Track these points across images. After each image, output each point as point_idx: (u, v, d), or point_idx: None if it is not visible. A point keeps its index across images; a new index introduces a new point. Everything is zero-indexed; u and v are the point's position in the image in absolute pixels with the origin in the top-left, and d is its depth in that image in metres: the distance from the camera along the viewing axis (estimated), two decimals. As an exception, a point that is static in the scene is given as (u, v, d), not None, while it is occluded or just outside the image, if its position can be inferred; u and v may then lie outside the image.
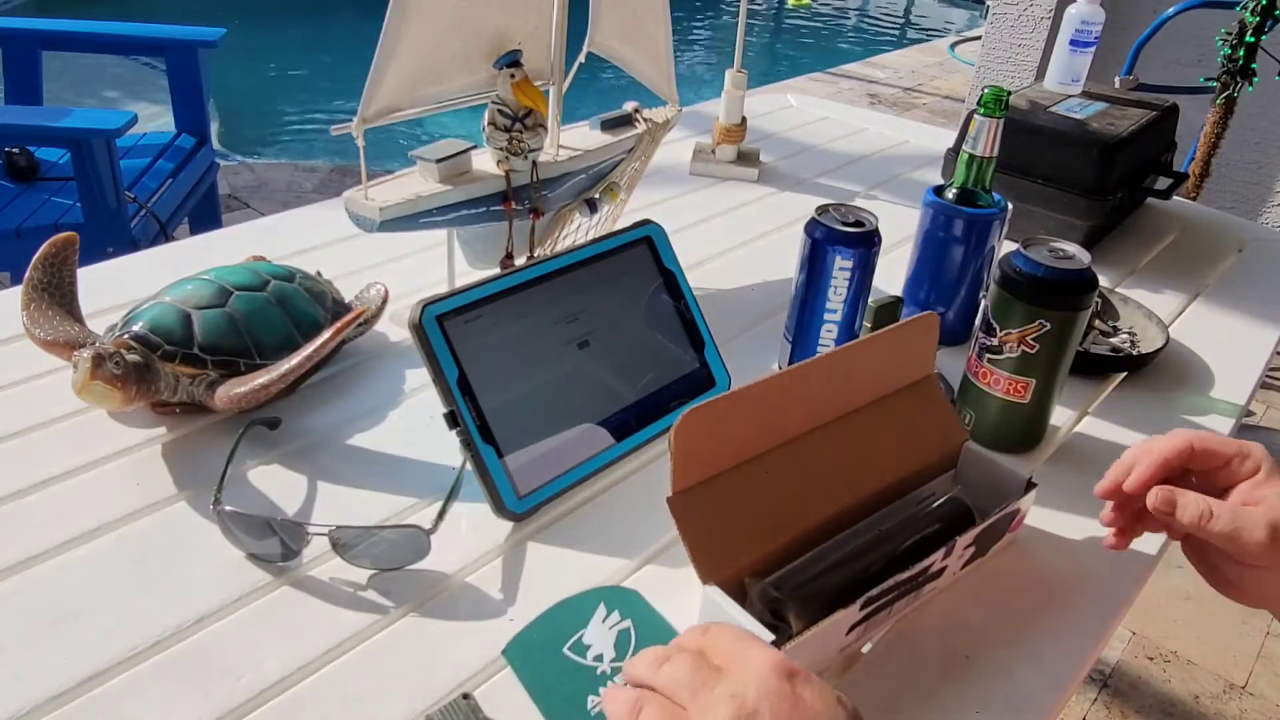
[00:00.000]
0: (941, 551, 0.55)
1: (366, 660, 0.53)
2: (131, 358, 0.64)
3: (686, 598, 0.58)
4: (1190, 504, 0.53)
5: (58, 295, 0.73)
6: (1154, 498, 0.54)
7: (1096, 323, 0.92)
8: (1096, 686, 1.58)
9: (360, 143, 0.71)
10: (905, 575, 0.53)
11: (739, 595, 0.53)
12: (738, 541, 0.54)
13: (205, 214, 2.23)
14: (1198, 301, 1.02)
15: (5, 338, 0.78)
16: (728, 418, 0.53)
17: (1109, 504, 0.59)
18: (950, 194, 0.83)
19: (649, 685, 0.42)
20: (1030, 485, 0.61)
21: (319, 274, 0.82)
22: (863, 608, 0.52)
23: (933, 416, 0.64)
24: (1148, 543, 0.65)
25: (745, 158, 1.26)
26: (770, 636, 0.48)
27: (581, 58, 0.86)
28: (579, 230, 0.91)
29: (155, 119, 2.26)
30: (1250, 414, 2.27)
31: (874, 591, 0.52)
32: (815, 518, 0.57)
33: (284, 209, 1.25)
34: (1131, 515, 0.58)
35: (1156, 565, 0.65)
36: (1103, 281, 0.73)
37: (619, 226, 0.82)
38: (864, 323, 0.80)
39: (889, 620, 0.57)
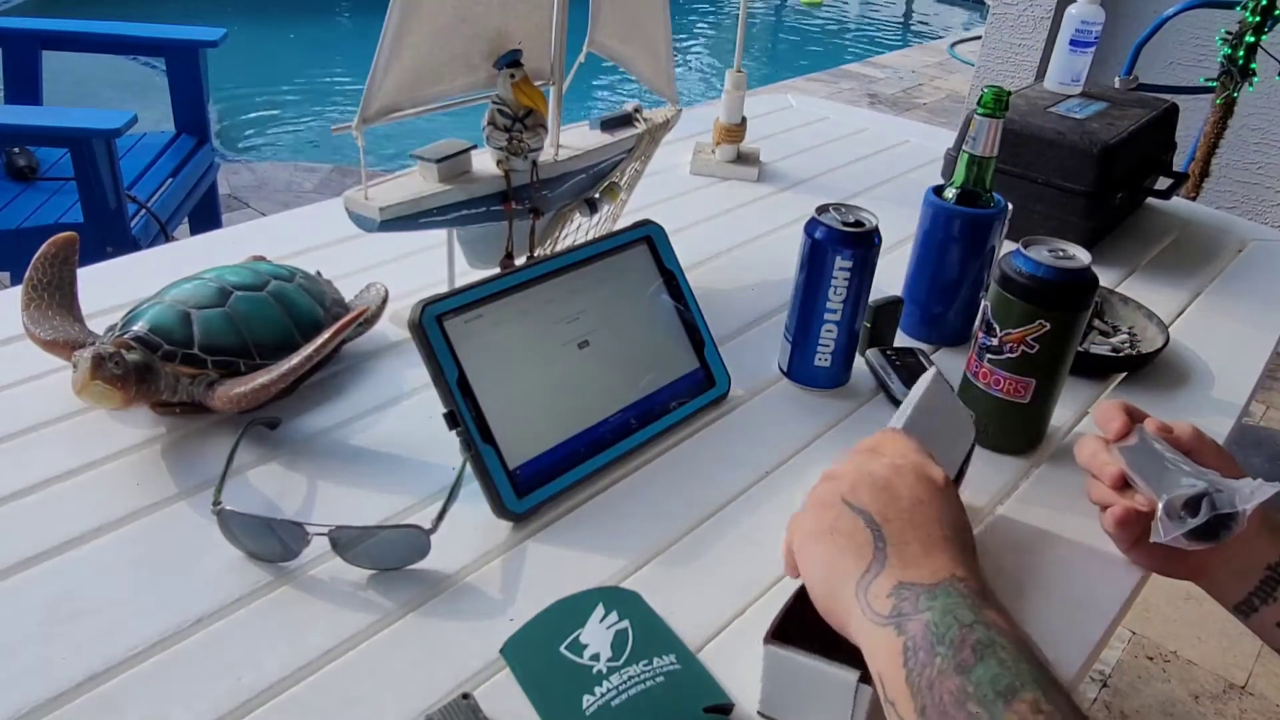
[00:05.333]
0: None
1: (366, 660, 0.53)
2: (131, 358, 0.64)
3: (685, 599, 0.58)
4: (1176, 425, 0.61)
5: (58, 295, 0.73)
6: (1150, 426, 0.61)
7: (1096, 323, 0.92)
8: (1096, 686, 1.58)
9: (360, 142, 0.71)
10: None
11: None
12: None
13: (205, 214, 2.23)
14: (1198, 301, 1.02)
15: (5, 338, 0.78)
16: None
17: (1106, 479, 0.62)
18: (950, 194, 0.83)
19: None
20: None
21: (319, 274, 0.82)
22: None
23: None
24: (1148, 543, 0.65)
25: (745, 158, 1.26)
26: (856, 672, 0.46)
27: (581, 58, 0.86)
28: (579, 230, 0.91)
29: (155, 119, 2.26)
30: (1250, 414, 2.27)
31: None
32: None
33: (284, 209, 1.25)
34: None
35: (1156, 565, 0.65)
36: (1103, 281, 0.73)
37: (619, 226, 0.82)
38: (864, 323, 0.80)
39: None
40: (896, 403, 0.78)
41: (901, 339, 0.87)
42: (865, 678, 0.46)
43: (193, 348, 0.68)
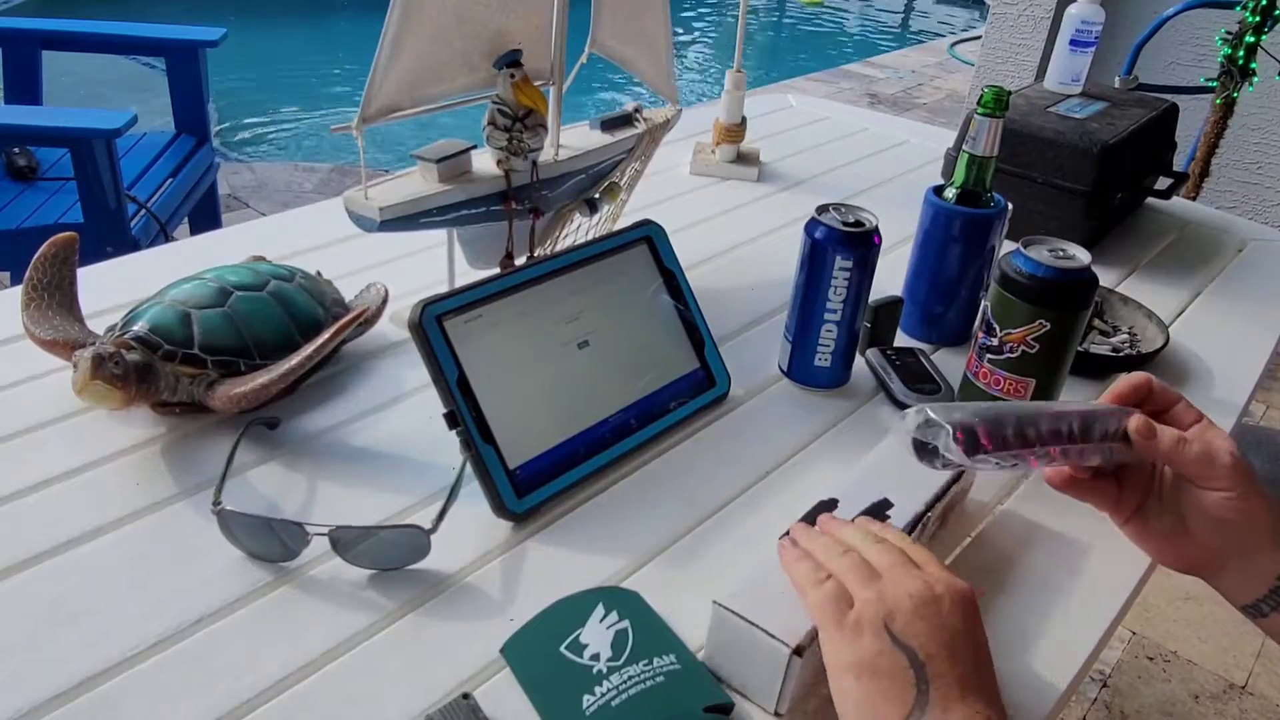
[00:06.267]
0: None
1: (366, 660, 0.53)
2: (132, 358, 0.64)
3: (686, 599, 0.58)
4: (1167, 431, 0.57)
5: (58, 295, 0.73)
6: (1135, 423, 0.58)
7: (1096, 323, 0.92)
8: (1096, 686, 1.58)
9: (360, 142, 0.71)
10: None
11: None
12: None
13: (205, 214, 2.23)
14: (1198, 301, 1.02)
15: (5, 338, 0.78)
16: None
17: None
18: (950, 194, 0.83)
19: (850, 545, 0.52)
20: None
21: (319, 274, 0.82)
22: None
23: None
24: (1148, 543, 0.65)
25: (745, 158, 1.26)
26: (789, 646, 0.49)
27: (583, 59, 0.86)
28: (579, 230, 0.91)
29: (155, 119, 2.26)
30: (1250, 414, 2.27)
31: None
32: None
33: (284, 209, 1.25)
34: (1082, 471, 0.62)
35: (1157, 565, 0.65)
36: (1103, 281, 0.73)
37: (619, 226, 0.82)
38: (864, 323, 0.80)
39: None
40: (896, 403, 0.78)
41: (901, 339, 0.87)
42: (799, 650, 0.49)
43: (193, 348, 0.68)
